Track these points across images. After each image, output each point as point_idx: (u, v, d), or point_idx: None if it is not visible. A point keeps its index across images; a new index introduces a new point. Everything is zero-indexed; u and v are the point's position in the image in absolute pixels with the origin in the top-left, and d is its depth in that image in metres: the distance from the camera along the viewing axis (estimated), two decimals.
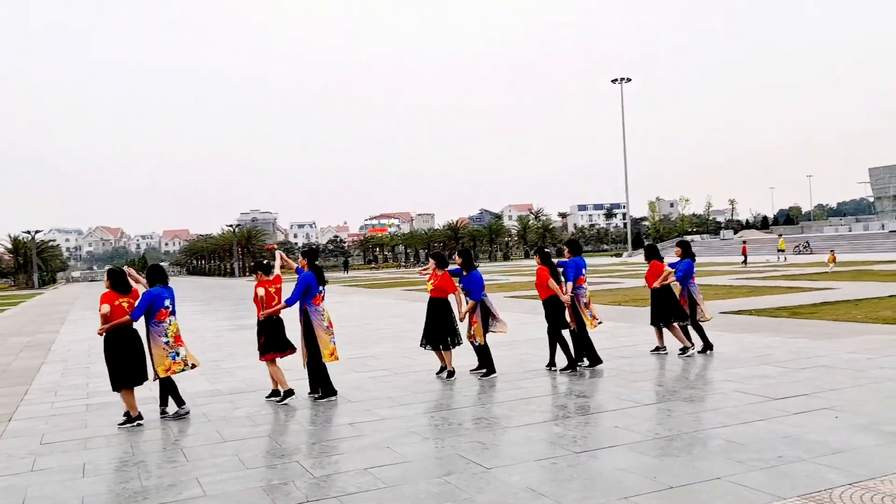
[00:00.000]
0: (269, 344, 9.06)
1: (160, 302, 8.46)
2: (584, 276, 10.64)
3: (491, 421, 7.43)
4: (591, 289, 11.27)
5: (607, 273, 41.14)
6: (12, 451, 7.24)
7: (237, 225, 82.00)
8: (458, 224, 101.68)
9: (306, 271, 9.17)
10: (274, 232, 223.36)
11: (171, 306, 8.65)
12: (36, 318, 28.18)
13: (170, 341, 8.46)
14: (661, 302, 11.15)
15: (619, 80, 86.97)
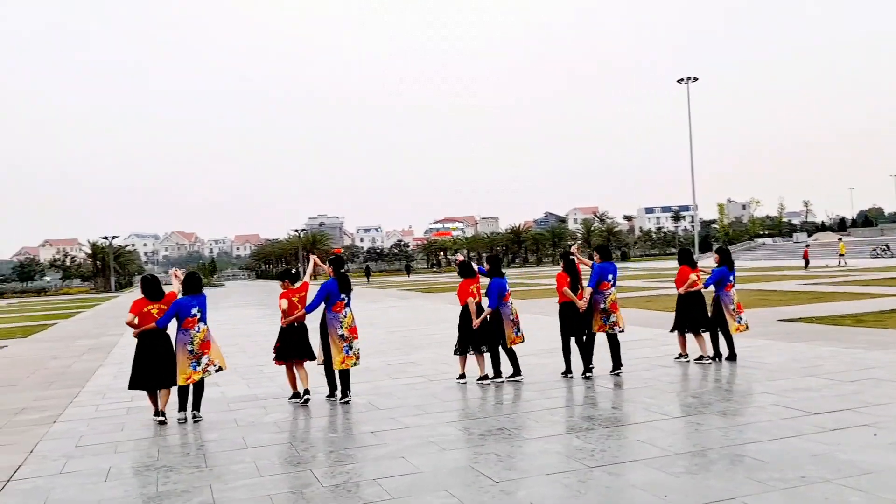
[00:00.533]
0: (284, 350, 9.24)
1: (187, 310, 8.70)
2: (608, 282, 10.44)
3: (512, 432, 7.30)
4: (648, 293, 11.15)
5: (668, 278, 40.17)
6: (48, 452, 7.49)
7: (302, 230, 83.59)
8: (521, 228, 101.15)
9: (330, 278, 9.33)
10: (340, 236, 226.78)
11: (201, 314, 8.87)
12: (106, 321, 29.25)
13: (194, 349, 8.66)
14: (688, 308, 10.94)
15: (684, 79, 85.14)
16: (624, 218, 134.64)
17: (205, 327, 8.91)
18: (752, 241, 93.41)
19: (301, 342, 9.35)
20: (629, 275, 46.59)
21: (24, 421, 9.28)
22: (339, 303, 9.28)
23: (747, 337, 13.42)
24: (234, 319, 25.48)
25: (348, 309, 9.35)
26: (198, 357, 8.73)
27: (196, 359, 8.73)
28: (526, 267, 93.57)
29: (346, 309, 9.33)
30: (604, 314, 10.38)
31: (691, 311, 11.00)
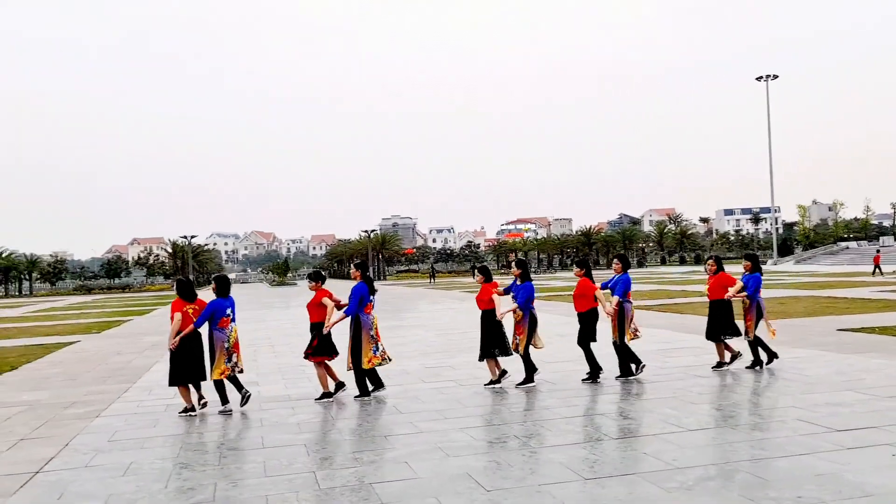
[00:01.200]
0: (320, 348, 9.51)
1: (222, 311, 9.22)
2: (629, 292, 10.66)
3: (522, 440, 7.30)
4: (703, 300, 11.07)
5: None
6: (81, 446, 7.89)
7: (372, 230, 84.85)
8: (592, 230, 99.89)
9: (359, 282, 9.57)
10: (413, 237, 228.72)
11: (232, 315, 9.30)
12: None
13: (229, 346, 9.10)
14: (717, 316, 10.86)
15: (763, 77, 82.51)
16: (700, 220, 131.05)
17: (236, 327, 9.38)
18: (834, 244, 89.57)
19: (329, 340, 9.71)
20: (696, 279, 45.39)
21: (70, 415, 9.79)
22: (368, 304, 9.60)
23: (796, 347, 13.02)
24: (294, 319, 26.09)
25: (374, 311, 9.64)
26: (230, 354, 9.27)
27: (228, 356, 9.26)
28: (596, 270, 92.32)
29: (373, 311, 9.65)
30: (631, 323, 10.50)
31: (720, 318, 10.80)
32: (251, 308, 35.26)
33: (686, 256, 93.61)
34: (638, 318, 17.79)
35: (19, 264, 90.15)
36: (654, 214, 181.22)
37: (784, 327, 16.37)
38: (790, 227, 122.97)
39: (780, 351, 12.44)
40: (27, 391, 12.00)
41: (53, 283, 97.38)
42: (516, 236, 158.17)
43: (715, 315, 10.98)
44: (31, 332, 26.07)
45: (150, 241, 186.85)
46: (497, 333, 10.20)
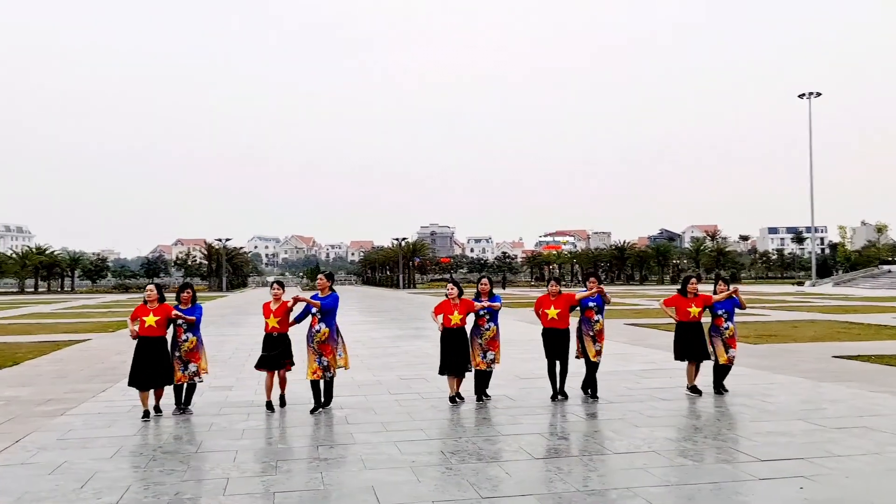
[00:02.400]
0: (265, 360, 9.85)
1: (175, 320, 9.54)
2: (591, 310, 10.54)
3: (446, 455, 7.35)
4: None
5: (766, 304, 38.30)
6: (29, 443, 8.13)
7: (403, 238, 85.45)
8: (626, 244, 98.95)
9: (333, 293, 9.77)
10: (451, 246, 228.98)
11: (185, 325, 9.78)
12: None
13: (181, 356, 9.57)
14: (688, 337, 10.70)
15: (806, 94, 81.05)
16: (739, 238, 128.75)
17: (193, 337, 9.72)
18: (876, 267, 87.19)
19: (285, 352, 9.83)
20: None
21: (38, 412, 10.10)
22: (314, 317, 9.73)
23: (778, 373, 12.82)
24: None
25: (322, 324, 9.67)
26: (185, 363, 9.66)
27: (184, 364, 9.64)
28: (630, 284, 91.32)
29: (321, 324, 9.67)
30: (593, 342, 10.50)
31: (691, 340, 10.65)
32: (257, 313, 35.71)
33: (722, 274, 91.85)
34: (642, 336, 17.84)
35: (62, 261, 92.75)
36: (696, 231, 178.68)
37: (779, 352, 16.12)
38: (834, 248, 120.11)
39: (762, 376, 12.36)
40: (13, 387, 12.39)
41: (94, 281, 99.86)
42: (554, 248, 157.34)
43: (681, 337, 10.80)
44: (53, 328, 26.84)
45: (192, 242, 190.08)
46: (462, 349, 10.11)
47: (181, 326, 9.68)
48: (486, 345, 10.21)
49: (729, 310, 10.86)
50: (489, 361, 10.22)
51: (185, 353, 9.65)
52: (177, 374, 9.62)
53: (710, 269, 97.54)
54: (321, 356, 9.61)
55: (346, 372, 13.59)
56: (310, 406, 9.75)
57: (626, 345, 18.07)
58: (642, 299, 45.02)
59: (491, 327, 10.29)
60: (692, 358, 10.66)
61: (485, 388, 10.45)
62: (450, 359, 10.07)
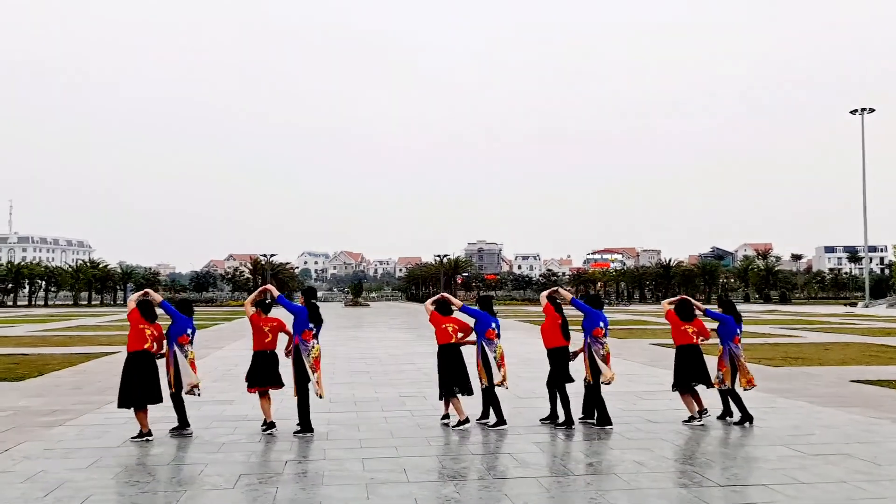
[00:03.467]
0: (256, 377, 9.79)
1: (183, 330, 9.76)
2: (599, 328, 10.23)
3: (410, 473, 7.43)
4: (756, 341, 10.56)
5: (809, 324, 37.27)
6: (17, 452, 8.48)
7: (444, 255, 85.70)
8: (672, 263, 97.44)
9: (301, 305, 9.76)
10: (498, 263, 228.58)
11: (192, 336, 9.88)
12: (229, 335, 31.56)
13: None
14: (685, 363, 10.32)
15: (859, 110, 79.08)
16: (792, 257, 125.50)
17: (192, 351, 9.88)
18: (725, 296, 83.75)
19: (273, 370, 9.89)
20: (767, 319, 43.63)
21: (40, 422, 10.48)
22: (307, 331, 9.71)
23: (783, 396, 12.55)
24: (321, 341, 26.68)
25: (315, 340, 9.77)
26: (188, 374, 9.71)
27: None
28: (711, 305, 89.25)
29: (314, 340, 9.76)
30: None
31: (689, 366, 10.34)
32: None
33: (771, 294, 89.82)
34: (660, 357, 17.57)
35: (114, 275, 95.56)
36: (749, 249, 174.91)
37: (796, 375, 15.73)
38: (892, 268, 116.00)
39: (765, 399, 12.12)
40: (28, 397, 12.86)
41: None
42: (602, 266, 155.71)
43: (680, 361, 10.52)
44: (90, 340, 27.68)
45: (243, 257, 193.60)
46: (458, 369, 9.93)
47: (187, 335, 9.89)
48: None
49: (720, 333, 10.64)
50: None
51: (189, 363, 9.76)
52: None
53: (761, 289, 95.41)
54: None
55: (347, 388, 13.86)
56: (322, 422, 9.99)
57: (641, 365, 17.87)
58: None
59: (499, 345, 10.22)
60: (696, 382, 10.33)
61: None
62: (453, 379, 9.93)
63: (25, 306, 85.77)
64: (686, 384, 10.36)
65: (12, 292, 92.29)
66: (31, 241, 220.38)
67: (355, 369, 17.33)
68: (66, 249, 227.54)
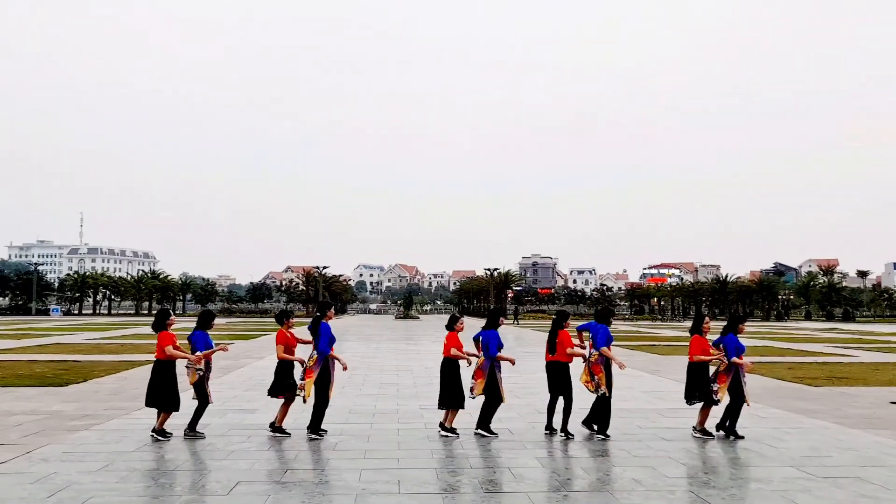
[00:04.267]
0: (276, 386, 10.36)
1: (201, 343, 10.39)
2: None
3: (391, 484, 7.50)
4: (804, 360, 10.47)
5: (866, 343, 35.97)
6: (36, 455, 8.85)
7: (495, 269, 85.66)
8: (729, 278, 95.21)
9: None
10: (553, 277, 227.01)
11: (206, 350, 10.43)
12: (269, 346, 32.14)
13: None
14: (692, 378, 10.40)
15: None
16: (858, 273, 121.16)
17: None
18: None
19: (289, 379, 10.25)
20: (824, 337, 42.27)
21: (68, 426, 10.90)
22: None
23: (815, 417, 12.20)
24: (362, 352, 26.94)
25: (315, 351, 10.06)
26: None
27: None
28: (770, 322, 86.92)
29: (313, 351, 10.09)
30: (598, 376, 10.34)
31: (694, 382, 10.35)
32: (345, 340, 36.60)
33: (834, 312, 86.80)
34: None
35: (174, 286, 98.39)
36: (813, 265, 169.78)
37: (834, 395, 15.27)
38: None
39: (791, 419, 11.86)
40: (65, 402, 13.38)
41: (204, 304, 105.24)
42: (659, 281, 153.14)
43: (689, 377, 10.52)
44: (140, 348, 28.60)
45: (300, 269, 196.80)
46: (454, 383, 10.22)
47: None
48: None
49: (742, 348, 10.47)
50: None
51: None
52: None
53: (823, 307, 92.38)
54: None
55: (371, 400, 14.01)
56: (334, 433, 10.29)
57: (676, 382, 17.48)
58: None
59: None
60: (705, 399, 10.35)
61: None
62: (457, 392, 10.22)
63: (90, 315, 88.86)
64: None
65: (78, 301, 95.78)
66: (100, 252, 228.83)
67: (386, 381, 17.48)
68: (132, 260, 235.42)
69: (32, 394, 14.39)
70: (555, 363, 10.35)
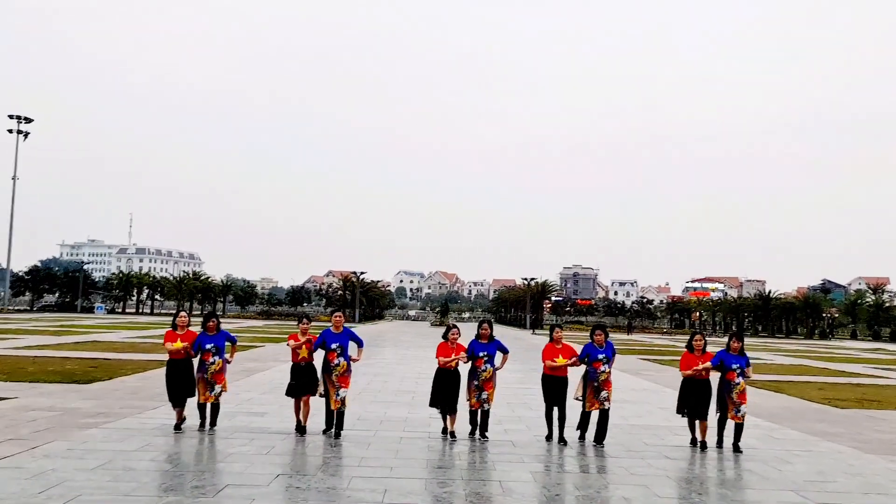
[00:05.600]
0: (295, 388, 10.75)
1: (203, 345, 10.67)
2: (599, 361, 10.69)
3: (372, 492, 7.50)
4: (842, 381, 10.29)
5: (893, 363, 34.85)
6: (40, 451, 9.06)
7: (532, 279, 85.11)
8: (772, 294, 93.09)
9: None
10: (594, 288, 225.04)
11: (214, 349, 10.67)
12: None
13: (208, 378, 10.57)
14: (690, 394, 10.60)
15: None
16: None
17: (220, 360, 10.74)
18: None
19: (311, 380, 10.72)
20: (865, 358, 41.08)
21: (79, 423, 11.15)
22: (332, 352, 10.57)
23: (829, 439, 11.88)
24: (387, 360, 27.02)
25: (341, 358, 10.54)
26: (211, 385, 10.61)
27: (210, 386, 10.63)
28: (775, 337, 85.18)
29: (339, 358, 10.55)
30: (596, 392, 10.56)
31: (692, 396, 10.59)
32: (375, 345, 36.75)
33: (882, 332, 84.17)
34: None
35: (215, 287, 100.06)
36: (862, 283, 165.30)
37: (858, 418, 14.86)
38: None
39: (807, 442, 11.70)
40: (85, 398, 13.69)
41: (244, 307, 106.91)
42: (702, 295, 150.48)
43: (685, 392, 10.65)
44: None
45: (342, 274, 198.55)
46: (450, 390, 10.71)
47: (209, 350, 10.61)
48: (482, 385, 10.62)
49: (742, 366, 10.41)
50: (483, 401, 10.63)
51: (211, 375, 10.57)
52: (204, 394, 10.60)
53: (871, 326, 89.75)
54: (340, 388, 10.41)
55: (383, 407, 14.04)
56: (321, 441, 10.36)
57: None
58: (769, 353, 42.17)
59: (488, 369, 10.73)
60: (693, 415, 10.56)
61: (483, 429, 10.75)
62: (438, 396, 10.75)
63: (133, 313, 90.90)
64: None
65: (122, 300, 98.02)
66: (148, 253, 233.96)
67: (403, 389, 17.52)
68: (178, 261, 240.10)
69: (56, 390, 14.74)
70: (551, 376, 10.67)
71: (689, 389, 10.54)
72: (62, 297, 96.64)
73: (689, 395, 10.52)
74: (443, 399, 10.69)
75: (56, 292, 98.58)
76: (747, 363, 10.61)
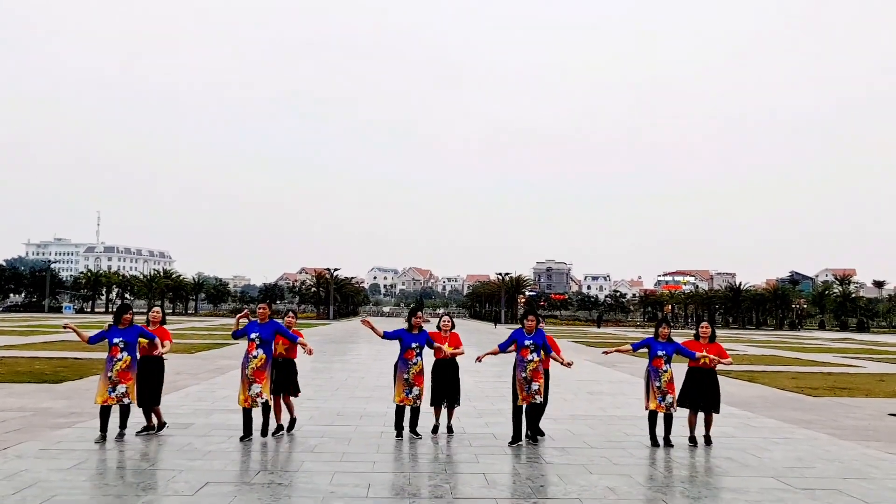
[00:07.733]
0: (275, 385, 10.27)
1: (109, 339, 9.87)
2: (526, 349, 10.06)
3: (355, 488, 7.43)
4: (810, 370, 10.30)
5: (878, 353, 35.53)
6: (10, 452, 8.86)
7: (506, 273, 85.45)
8: (742, 286, 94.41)
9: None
10: (567, 282, 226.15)
11: (122, 345, 9.79)
12: None
13: (112, 376, 9.67)
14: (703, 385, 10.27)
15: None
16: (874, 283, 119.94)
17: (128, 357, 9.82)
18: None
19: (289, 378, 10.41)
20: (834, 347, 41.81)
21: (52, 423, 10.91)
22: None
23: (809, 427, 12.01)
24: (358, 360, 26.89)
25: (260, 350, 9.82)
26: (115, 384, 9.66)
27: (113, 385, 9.65)
28: (746, 328, 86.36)
29: (259, 350, 9.82)
30: (526, 383, 9.97)
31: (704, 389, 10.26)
32: (336, 342, 36.53)
33: (849, 322, 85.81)
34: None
35: (187, 285, 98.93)
36: (830, 274, 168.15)
37: (831, 406, 15.07)
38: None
39: (783, 429, 11.85)
40: (56, 399, 13.40)
41: (216, 305, 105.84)
42: (674, 288, 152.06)
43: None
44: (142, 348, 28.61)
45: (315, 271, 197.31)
46: (449, 383, 10.63)
47: (117, 345, 9.73)
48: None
49: (669, 353, 10.19)
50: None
51: (116, 374, 9.65)
52: (103, 395, 9.59)
53: (838, 316, 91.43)
54: (253, 383, 9.67)
55: (362, 402, 13.94)
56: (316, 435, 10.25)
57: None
58: (741, 344, 42.70)
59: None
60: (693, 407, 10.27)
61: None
62: (442, 392, 10.57)
63: (102, 313, 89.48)
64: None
65: (91, 299, 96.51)
66: (117, 251, 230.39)
67: (381, 384, 17.40)
68: (147, 259, 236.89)
69: (26, 390, 14.44)
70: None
71: (692, 380, 10.20)
72: (29, 297, 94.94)
73: (690, 386, 10.18)
74: (448, 393, 10.54)
75: (22, 292, 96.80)
76: (675, 350, 10.20)
